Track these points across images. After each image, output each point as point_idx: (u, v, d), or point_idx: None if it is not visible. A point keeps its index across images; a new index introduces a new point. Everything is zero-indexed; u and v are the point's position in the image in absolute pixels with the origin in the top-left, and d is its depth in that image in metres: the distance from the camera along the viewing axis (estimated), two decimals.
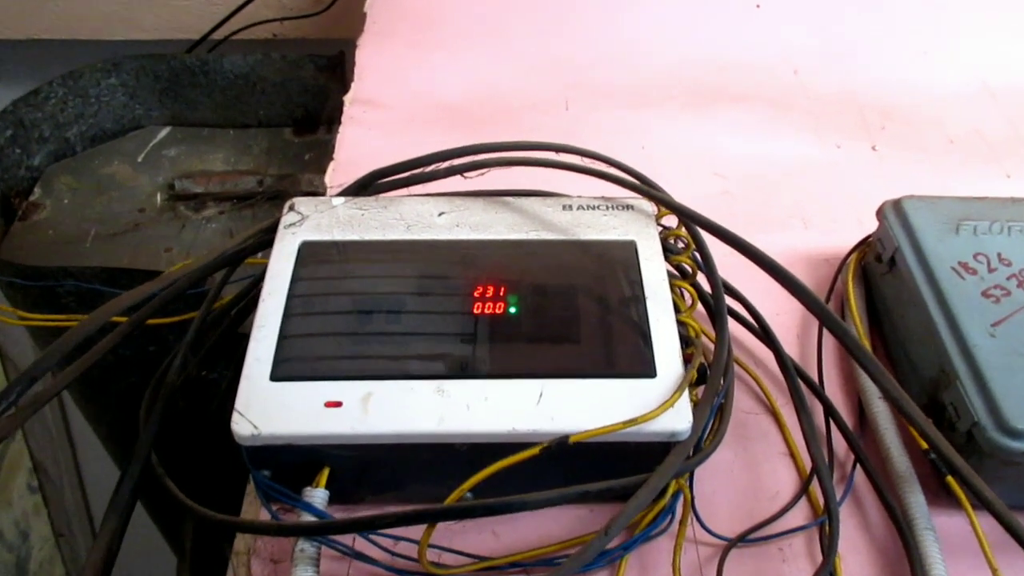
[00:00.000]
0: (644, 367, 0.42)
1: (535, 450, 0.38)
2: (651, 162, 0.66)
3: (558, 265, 0.47)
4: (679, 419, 0.40)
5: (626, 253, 0.48)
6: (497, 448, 0.39)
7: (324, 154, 0.95)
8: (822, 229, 0.61)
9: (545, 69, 0.75)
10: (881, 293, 0.52)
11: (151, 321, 0.47)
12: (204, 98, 0.96)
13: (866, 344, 0.49)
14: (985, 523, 0.42)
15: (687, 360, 0.43)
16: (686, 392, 0.40)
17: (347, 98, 0.71)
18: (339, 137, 0.67)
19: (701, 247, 0.49)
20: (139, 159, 0.94)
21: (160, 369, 0.49)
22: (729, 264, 0.52)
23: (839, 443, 0.47)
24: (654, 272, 0.47)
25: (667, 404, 0.39)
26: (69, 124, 0.92)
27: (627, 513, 0.36)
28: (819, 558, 0.43)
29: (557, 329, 0.44)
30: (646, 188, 0.49)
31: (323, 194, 0.64)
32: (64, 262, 0.80)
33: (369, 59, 0.75)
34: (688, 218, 0.47)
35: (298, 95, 0.95)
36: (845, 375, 0.51)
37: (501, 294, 0.45)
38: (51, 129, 0.90)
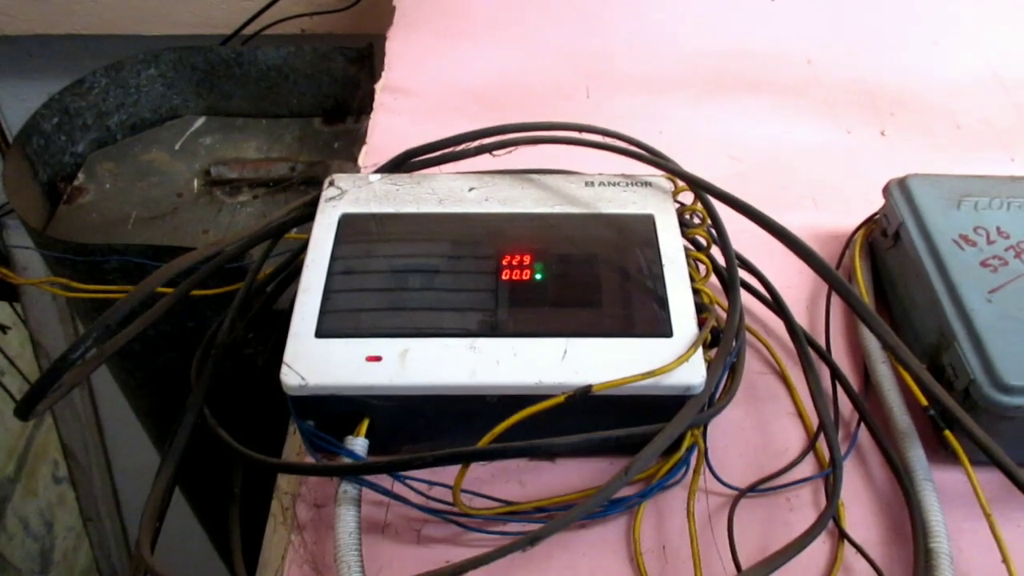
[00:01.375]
0: (661, 327, 0.45)
1: (560, 398, 0.41)
2: (669, 146, 0.69)
3: (581, 236, 0.51)
4: (693, 373, 0.43)
5: (645, 226, 0.51)
6: (525, 400, 0.42)
7: (353, 142, 0.99)
8: (832, 208, 0.64)
9: (568, 58, 0.78)
10: (887, 266, 0.55)
11: (195, 292, 0.50)
12: (238, 89, 1.00)
13: None
14: (980, 476, 0.46)
15: (702, 324, 0.46)
16: (700, 349, 0.43)
17: (378, 86, 0.75)
18: (371, 122, 0.71)
19: (715, 220, 0.52)
20: (176, 147, 0.98)
21: (208, 333, 0.53)
22: (743, 240, 0.55)
23: (845, 404, 0.50)
24: (671, 243, 0.50)
25: (682, 358, 0.43)
26: (110, 113, 0.96)
27: (646, 456, 0.40)
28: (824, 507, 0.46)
29: (580, 294, 0.47)
30: (661, 160, 0.52)
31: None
32: (108, 242, 0.84)
33: (399, 49, 0.79)
34: (699, 187, 0.50)
35: (328, 86, 0.99)
36: (851, 342, 0.54)
37: (527, 262, 0.49)
38: (94, 118, 0.94)
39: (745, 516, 0.45)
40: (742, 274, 0.55)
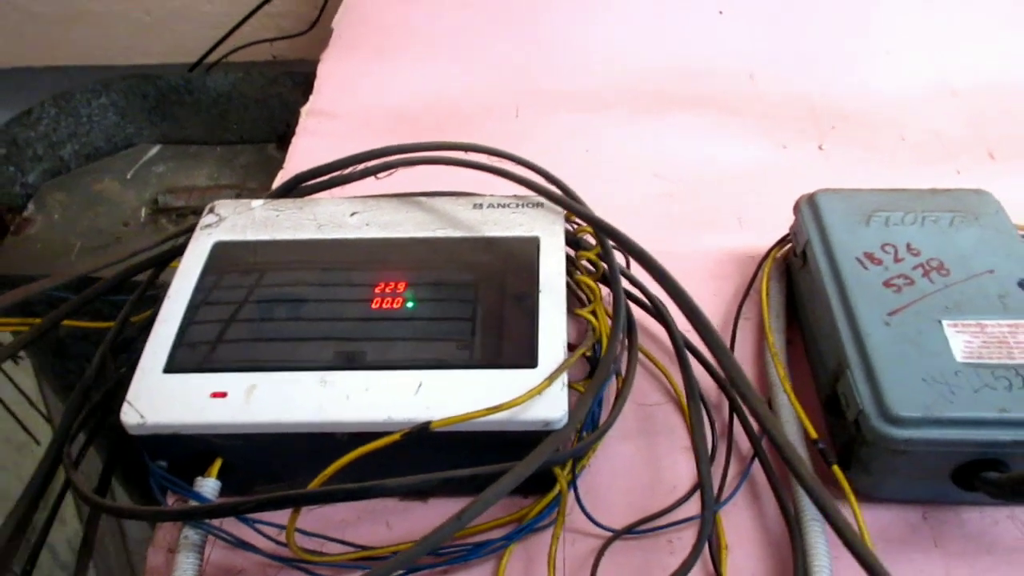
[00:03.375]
0: (526, 358, 0.42)
1: (397, 435, 0.38)
2: (592, 164, 0.67)
3: (459, 261, 0.48)
4: (552, 407, 0.40)
5: (528, 248, 0.48)
6: (377, 438, 0.40)
7: None
8: (757, 228, 0.60)
9: (500, 77, 0.76)
10: (799, 289, 0.52)
11: (68, 323, 0.48)
12: (191, 116, 1.00)
13: (771, 338, 0.48)
14: (875, 515, 0.42)
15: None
16: (561, 379, 0.40)
17: (304, 110, 0.73)
18: (291, 148, 0.69)
19: (602, 243, 0.49)
20: (128, 176, 0.98)
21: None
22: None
23: (744, 438, 0.47)
24: (552, 267, 0.47)
25: (535, 391, 0.39)
26: (63, 143, 0.96)
27: (485, 499, 0.36)
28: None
29: (447, 323, 0.45)
30: (542, 187, 0.49)
31: None
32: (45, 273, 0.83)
33: (329, 72, 0.77)
34: (575, 212, 0.48)
35: (279, 111, 0.98)
36: (759, 371, 0.50)
37: (400, 290, 0.46)
38: (44, 148, 0.94)
39: (620, 560, 0.42)
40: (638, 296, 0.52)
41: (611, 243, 0.49)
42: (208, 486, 0.42)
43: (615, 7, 0.85)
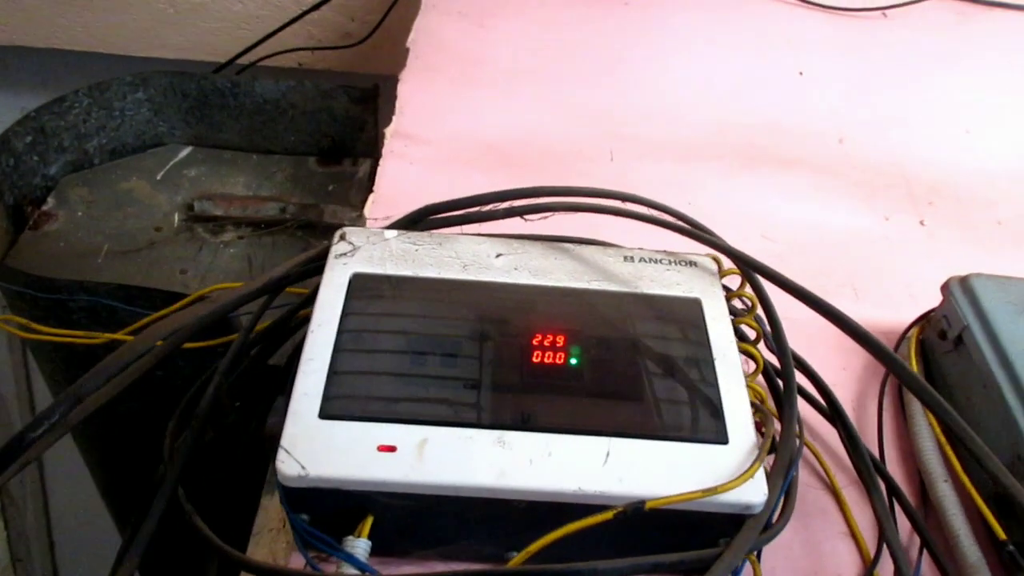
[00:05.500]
0: (716, 433, 0.40)
1: (608, 514, 0.35)
2: (699, 217, 0.65)
3: (621, 318, 0.45)
4: (756, 491, 0.37)
5: (692, 311, 0.46)
6: (557, 508, 0.37)
7: (349, 186, 0.93)
8: (873, 302, 0.59)
9: (589, 118, 0.74)
10: (943, 372, 0.50)
11: (188, 345, 0.44)
12: (230, 121, 0.94)
13: (935, 425, 0.47)
14: None
15: (757, 428, 0.41)
16: (763, 463, 0.38)
17: (388, 131, 0.69)
18: (380, 170, 0.65)
19: (768, 307, 0.47)
20: (158, 176, 0.92)
21: (188, 396, 0.46)
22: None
23: (903, 525, 0.45)
24: (722, 332, 0.44)
25: (747, 475, 0.37)
26: (90, 136, 0.89)
27: None
28: None
29: (621, 385, 0.42)
30: (714, 239, 0.47)
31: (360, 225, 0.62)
32: (74, 275, 0.77)
33: (411, 94, 0.74)
34: (755, 269, 0.46)
35: (328, 125, 0.94)
36: (905, 454, 0.49)
37: (561, 344, 0.43)
38: (71, 139, 0.88)
39: None
40: None
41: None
42: (360, 547, 0.38)
43: (695, 59, 0.84)
